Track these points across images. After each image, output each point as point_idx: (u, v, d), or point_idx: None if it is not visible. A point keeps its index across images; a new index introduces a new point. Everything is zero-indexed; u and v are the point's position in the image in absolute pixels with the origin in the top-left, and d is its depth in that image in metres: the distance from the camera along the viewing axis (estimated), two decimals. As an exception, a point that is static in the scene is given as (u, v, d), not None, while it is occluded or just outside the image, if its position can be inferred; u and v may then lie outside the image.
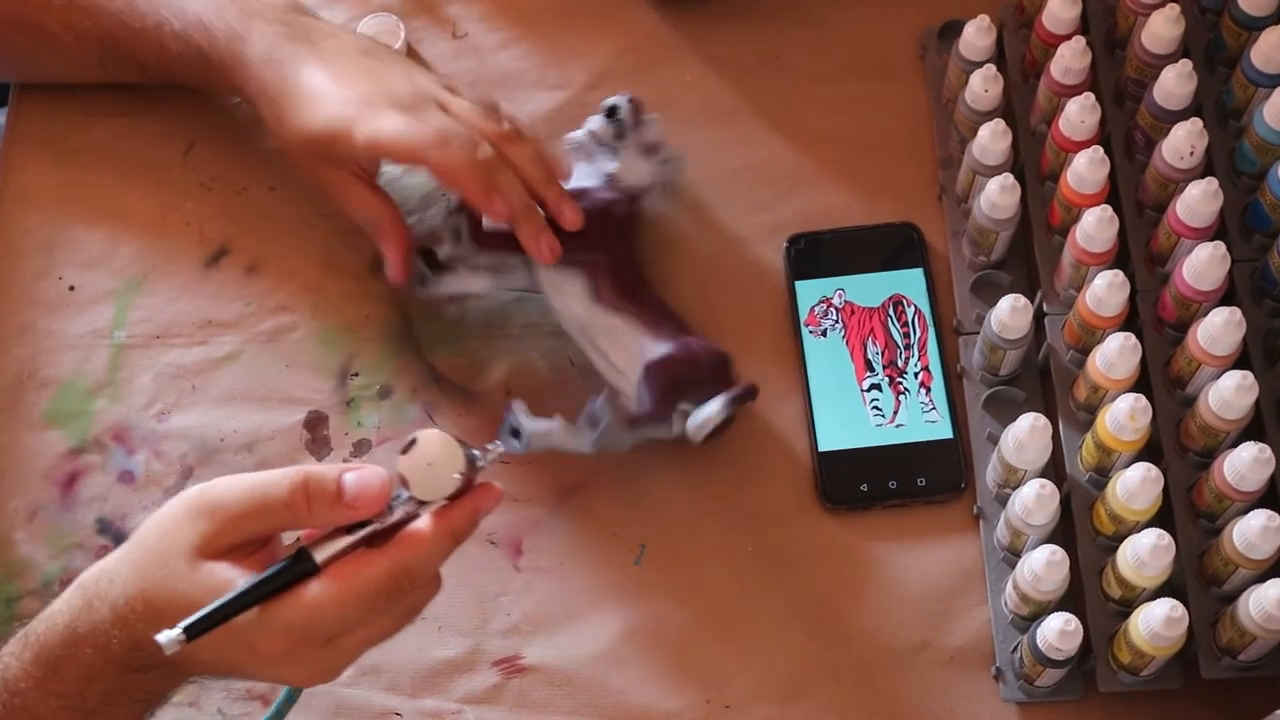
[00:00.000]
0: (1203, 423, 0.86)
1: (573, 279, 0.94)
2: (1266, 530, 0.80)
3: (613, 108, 0.97)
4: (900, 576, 0.93)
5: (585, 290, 0.94)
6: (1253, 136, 0.92)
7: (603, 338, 0.93)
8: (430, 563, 0.73)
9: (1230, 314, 0.85)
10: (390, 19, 1.08)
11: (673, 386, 0.91)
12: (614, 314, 0.93)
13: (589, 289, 0.94)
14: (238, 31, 0.95)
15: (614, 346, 0.93)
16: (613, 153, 0.97)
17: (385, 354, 0.99)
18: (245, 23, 0.95)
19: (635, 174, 0.97)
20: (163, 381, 0.99)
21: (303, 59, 0.94)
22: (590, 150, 0.98)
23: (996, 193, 0.93)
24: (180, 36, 0.96)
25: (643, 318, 0.93)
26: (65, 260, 1.02)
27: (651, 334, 0.93)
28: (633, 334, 0.93)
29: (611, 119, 0.97)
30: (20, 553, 0.94)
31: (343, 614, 0.70)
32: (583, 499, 0.95)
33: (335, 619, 0.70)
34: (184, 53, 0.97)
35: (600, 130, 0.97)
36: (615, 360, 0.93)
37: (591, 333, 0.94)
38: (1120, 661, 0.85)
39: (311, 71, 0.93)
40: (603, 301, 0.94)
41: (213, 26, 0.96)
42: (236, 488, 0.71)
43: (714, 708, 0.90)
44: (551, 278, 0.94)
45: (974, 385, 0.96)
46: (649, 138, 0.98)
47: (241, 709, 0.90)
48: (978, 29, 0.98)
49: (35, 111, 1.05)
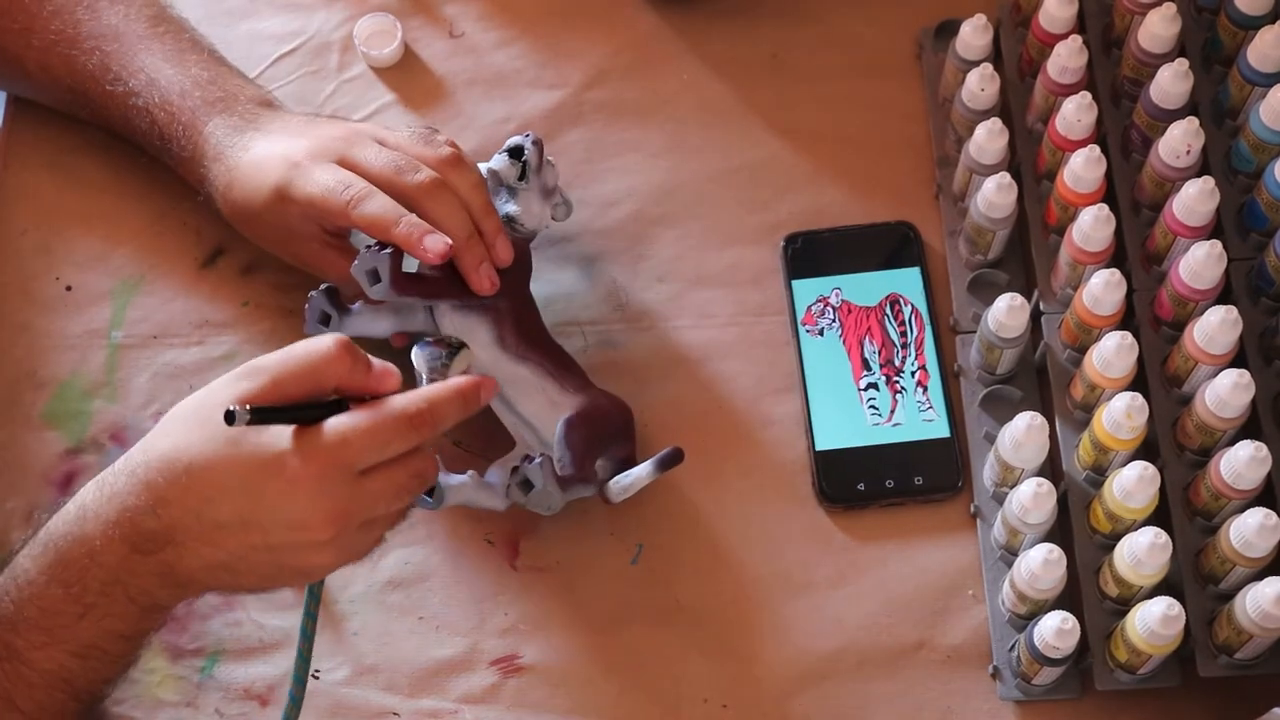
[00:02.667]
0: (1199, 421, 0.86)
1: (478, 325, 0.91)
2: (1263, 528, 0.80)
3: (517, 148, 0.93)
4: (897, 575, 0.93)
5: (491, 337, 0.91)
6: (1249, 135, 0.92)
7: (510, 388, 0.91)
8: (442, 411, 0.78)
9: (1227, 312, 0.85)
10: (387, 19, 1.08)
11: (593, 442, 0.90)
12: (520, 363, 0.91)
13: (494, 336, 0.91)
14: (196, 123, 0.95)
15: (522, 397, 0.91)
16: (512, 194, 0.93)
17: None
18: (206, 114, 0.95)
19: (534, 218, 0.94)
20: (160, 381, 0.99)
21: (247, 141, 0.94)
22: (491, 189, 0.93)
23: (993, 192, 0.93)
24: (144, 112, 0.96)
25: (547, 367, 0.91)
26: (62, 260, 1.02)
27: (558, 385, 0.91)
28: (540, 385, 0.91)
29: (516, 159, 0.92)
30: (18, 553, 0.94)
31: (370, 441, 0.75)
32: (580, 499, 0.95)
33: (363, 444, 0.75)
34: (146, 130, 0.97)
35: (503, 170, 0.93)
36: (523, 412, 0.91)
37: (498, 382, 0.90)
38: (1117, 660, 0.85)
39: (254, 149, 0.93)
40: (508, 349, 0.91)
41: (176, 112, 0.95)
42: (281, 351, 0.76)
43: (712, 707, 0.90)
44: (457, 322, 0.91)
45: (971, 384, 0.96)
46: (549, 181, 0.94)
47: (240, 709, 0.90)
48: (974, 28, 0.99)
49: (32, 111, 1.05)
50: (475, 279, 0.90)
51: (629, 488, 0.90)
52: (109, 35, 0.97)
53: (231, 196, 0.94)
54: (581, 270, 1.01)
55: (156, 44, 0.97)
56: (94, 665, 0.78)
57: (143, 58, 0.96)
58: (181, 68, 0.96)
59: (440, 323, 0.92)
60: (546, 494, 0.87)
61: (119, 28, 0.97)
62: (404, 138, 0.92)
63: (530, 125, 1.05)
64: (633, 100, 1.06)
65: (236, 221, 0.95)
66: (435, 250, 0.86)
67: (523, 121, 1.05)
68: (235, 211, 0.94)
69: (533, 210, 0.93)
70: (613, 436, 0.92)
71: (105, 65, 0.97)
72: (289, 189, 0.90)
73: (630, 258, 1.02)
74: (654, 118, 1.06)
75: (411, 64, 1.08)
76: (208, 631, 0.91)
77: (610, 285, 1.01)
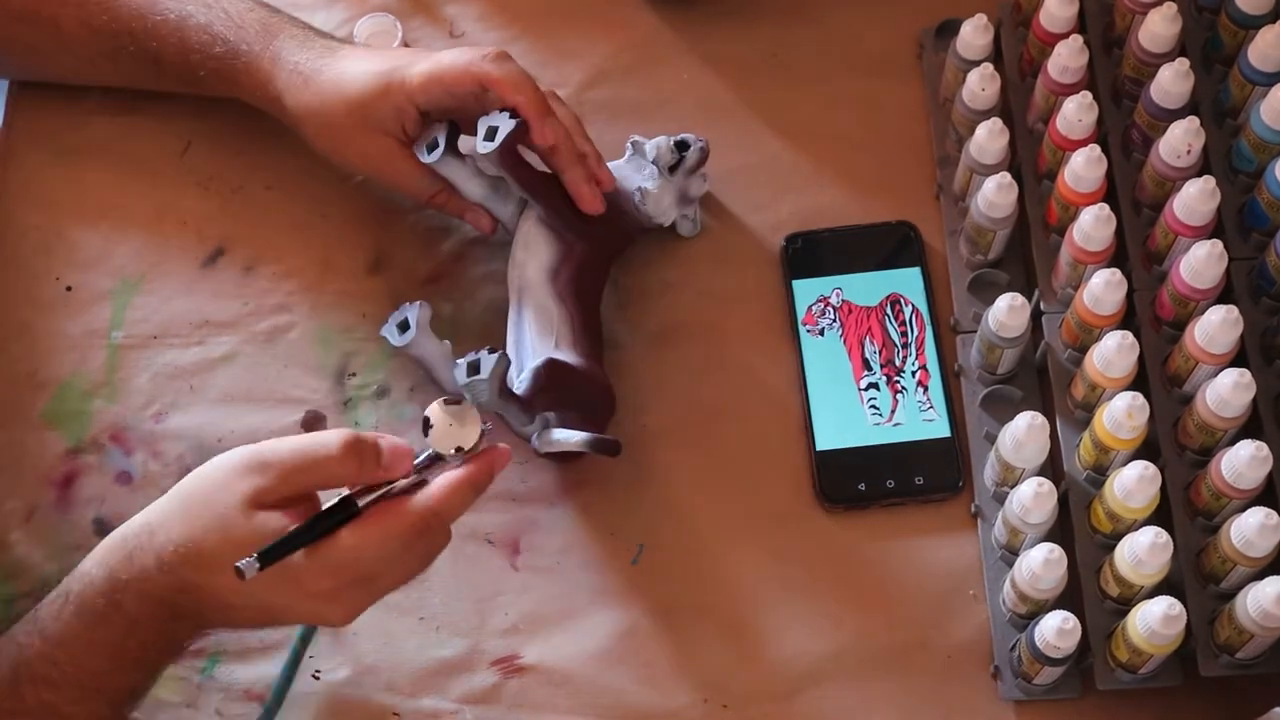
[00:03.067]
0: (1200, 421, 0.86)
1: (547, 245, 0.94)
2: (1264, 528, 0.80)
3: (684, 142, 0.98)
4: (898, 575, 0.93)
5: (549, 263, 0.94)
6: (1250, 135, 0.92)
7: (532, 311, 0.93)
8: (454, 508, 0.80)
9: (1227, 312, 0.85)
10: (388, 19, 1.08)
11: (557, 391, 0.91)
12: (556, 300, 0.93)
13: (553, 264, 0.94)
14: (269, 27, 0.96)
15: (536, 326, 0.93)
16: (655, 176, 0.97)
17: (382, 354, 0.99)
18: (276, 21, 0.97)
19: (658, 208, 0.97)
20: (160, 381, 0.99)
21: (336, 47, 0.96)
22: (642, 160, 0.98)
23: (994, 191, 0.93)
24: (205, 29, 0.96)
25: (574, 320, 0.93)
26: (63, 260, 1.02)
27: (571, 338, 0.93)
28: (557, 329, 0.93)
29: (679, 150, 0.97)
30: (17, 554, 0.94)
31: (381, 551, 0.78)
32: (580, 498, 0.95)
33: (374, 556, 0.78)
34: (208, 46, 0.96)
35: (660, 151, 0.97)
36: (527, 336, 0.93)
37: (525, 300, 0.94)
38: (1118, 659, 0.85)
39: (348, 52, 0.95)
40: (555, 283, 0.93)
41: (241, 19, 0.96)
42: (289, 446, 0.78)
43: (712, 707, 0.90)
44: (531, 230, 0.94)
45: (971, 384, 0.96)
46: (692, 190, 0.99)
47: (239, 709, 0.90)
48: (975, 28, 0.99)
49: (32, 111, 1.05)
50: (583, 190, 0.93)
51: (554, 443, 0.91)
52: None
53: (316, 84, 0.94)
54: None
55: None
56: (129, 702, 0.82)
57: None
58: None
59: (520, 225, 0.94)
60: (484, 386, 0.87)
61: None
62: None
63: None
64: (633, 100, 1.06)
65: (310, 113, 0.95)
66: (556, 132, 0.90)
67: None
68: (314, 100, 0.94)
69: (662, 201, 0.97)
70: (579, 404, 0.92)
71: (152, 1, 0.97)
72: (403, 71, 0.91)
73: (630, 258, 1.01)
74: (654, 118, 1.06)
75: (412, 64, 1.08)
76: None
77: (612, 285, 1.01)
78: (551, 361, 0.91)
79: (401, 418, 0.97)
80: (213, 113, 1.05)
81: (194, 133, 1.05)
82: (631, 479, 0.95)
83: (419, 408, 0.97)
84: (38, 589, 0.92)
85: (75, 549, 0.94)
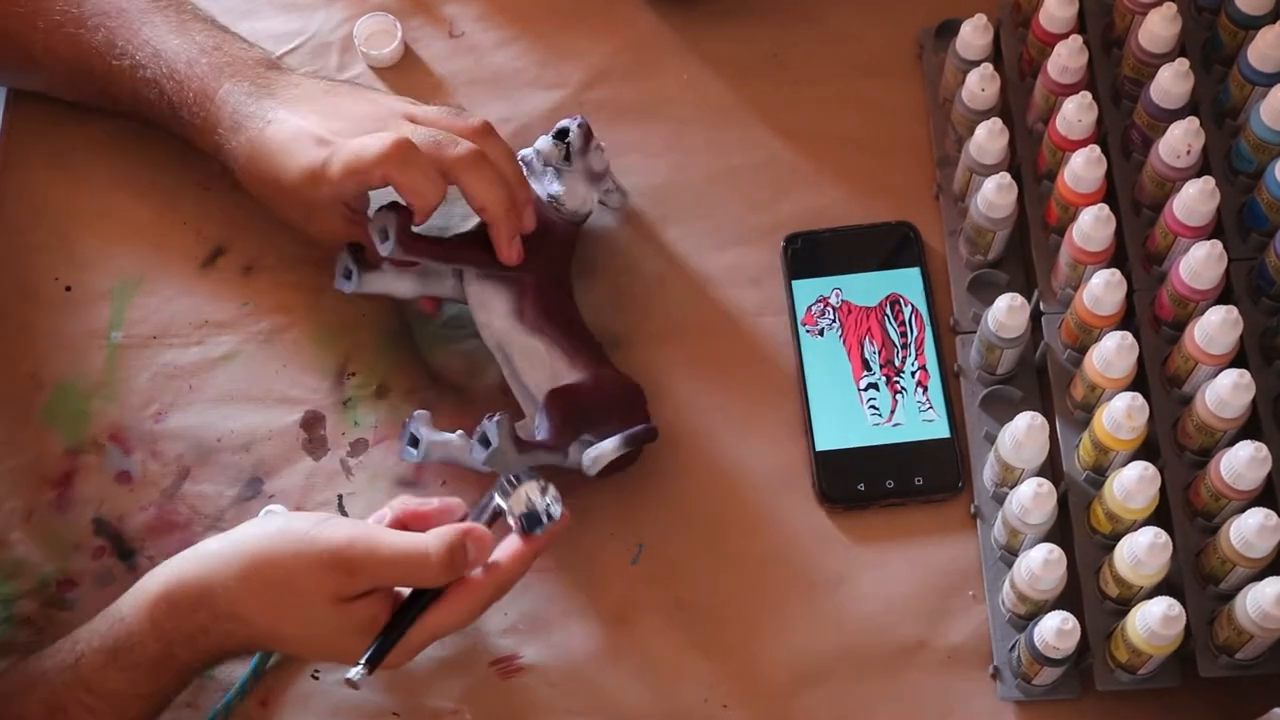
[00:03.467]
0: (1200, 421, 0.86)
1: (498, 294, 0.93)
2: (1264, 529, 0.80)
3: (563, 130, 0.96)
4: (897, 576, 0.93)
5: (509, 308, 0.93)
6: (1249, 135, 0.92)
7: (519, 358, 0.93)
8: (518, 576, 0.86)
9: (1227, 313, 0.85)
10: (387, 18, 1.08)
11: (574, 416, 0.91)
12: (534, 335, 0.92)
13: (513, 307, 0.93)
14: (207, 90, 0.95)
15: (529, 368, 0.93)
16: (557, 175, 0.95)
17: (382, 353, 0.99)
18: (216, 80, 0.95)
19: (577, 200, 0.96)
20: (159, 381, 0.99)
21: (266, 113, 0.93)
22: (536, 170, 0.96)
23: (993, 192, 0.93)
24: (153, 84, 0.96)
25: (562, 344, 0.92)
26: (62, 260, 1.02)
27: (567, 361, 0.92)
28: (550, 358, 0.92)
29: (560, 141, 0.95)
30: (17, 553, 0.94)
31: (458, 625, 0.85)
32: (580, 499, 0.95)
33: (450, 630, 0.85)
34: (156, 101, 0.97)
35: (547, 151, 0.95)
36: (528, 382, 0.93)
37: (509, 351, 0.93)
38: (1118, 660, 0.85)
39: (278, 124, 0.93)
40: (525, 321, 0.92)
41: (185, 80, 0.95)
42: (384, 554, 0.81)
43: (712, 707, 0.90)
44: (478, 290, 0.93)
45: (971, 384, 0.96)
46: (595, 166, 0.97)
47: (239, 709, 0.90)
48: (975, 28, 0.98)
49: (31, 111, 1.05)
50: (505, 250, 0.92)
51: (598, 460, 0.91)
52: (112, 12, 0.97)
53: (255, 169, 0.93)
54: (581, 270, 1.01)
55: (159, 16, 0.97)
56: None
57: (147, 31, 0.97)
58: (186, 37, 0.96)
59: (466, 289, 0.94)
60: (502, 453, 0.88)
61: (121, 4, 0.97)
62: (433, 112, 0.93)
63: (530, 125, 1.04)
64: (633, 100, 1.06)
65: (256, 193, 0.95)
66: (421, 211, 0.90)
67: (522, 122, 1.05)
68: (257, 184, 0.94)
69: (577, 192, 0.96)
70: (606, 413, 0.92)
71: (110, 41, 0.97)
72: (324, 169, 0.90)
73: (630, 258, 1.01)
74: (654, 118, 1.06)
75: (411, 64, 1.08)
76: (208, 632, 0.92)
77: (610, 287, 1.01)
78: (552, 394, 0.90)
79: (401, 418, 0.97)
80: (212, 112, 1.05)
81: (193, 132, 1.05)
82: (631, 479, 0.95)
83: (419, 407, 0.97)
84: (37, 589, 0.93)
85: (75, 549, 0.94)
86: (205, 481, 0.95)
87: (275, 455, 0.96)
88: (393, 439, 0.96)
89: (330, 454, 0.97)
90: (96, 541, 0.94)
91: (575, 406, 0.91)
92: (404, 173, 0.88)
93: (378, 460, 0.96)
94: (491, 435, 0.88)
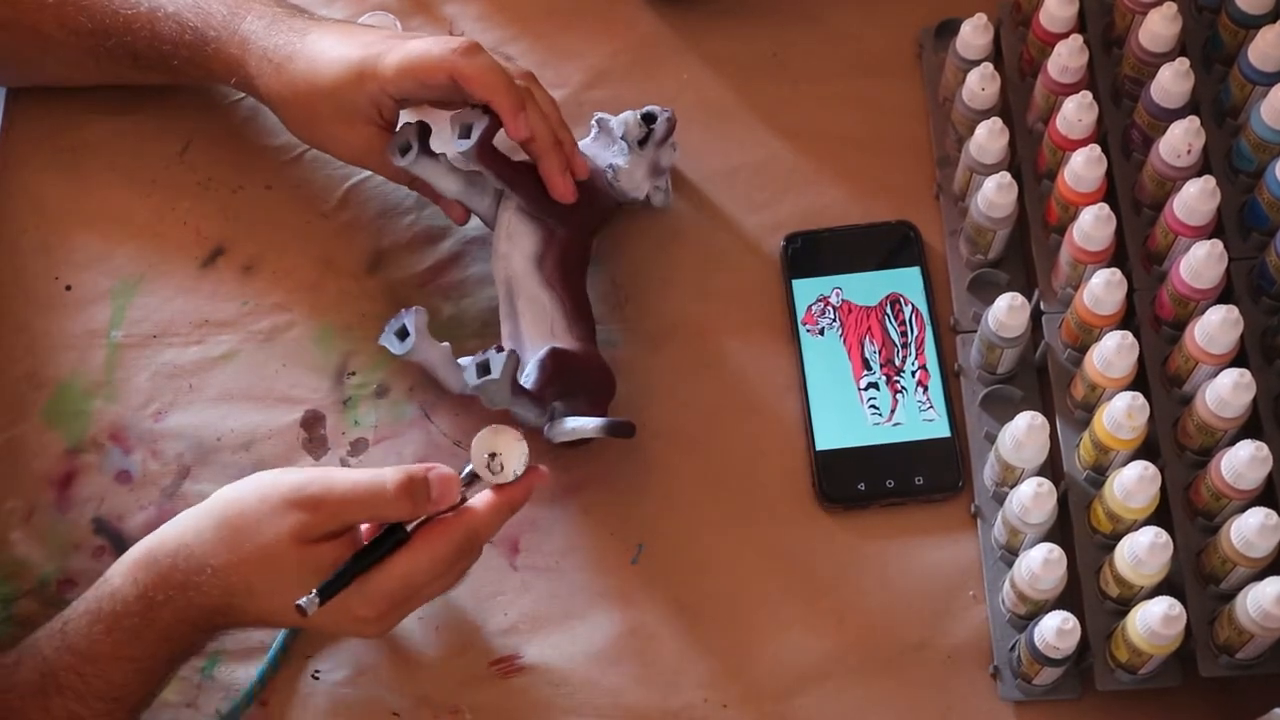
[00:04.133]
0: (1200, 421, 0.86)
1: (529, 234, 0.94)
2: (1264, 528, 0.80)
3: (650, 114, 0.98)
4: (898, 575, 0.93)
5: (533, 251, 0.93)
6: (1250, 134, 0.92)
7: (524, 302, 0.93)
8: (492, 527, 0.84)
9: (1228, 312, 0.85)
10: (387, 18, 1.08)
11: (563, 379, 0.91)
12: (545, 288, 0.93)
13: (537, 251, 0.93)
14: (235, 9, 0.96)
15: (530, 316, 0.93)
16: (625, 152, 0.97)
17: (382, 353, 0.99)
18: (243, 3, 0.96)
19: (632, 181, 0.97)
20: (159, 381, 0.99)
21: (305, 28, 0.95)
22: (608, 133, 0.98)
23: (994, 191, 0.93)
24: (174, 18, 0.96)
25: (566, 306, 0.93)
26: (62, 260, 1.02)
27: (566, 324, 0.93)
28: (551, 315, 0.93)
29: (646, 123, 0.97)
30: (17, 553, 0.94)
31: (427, 574, 0.82)
32: (580, 498, 0.95)
33: (421, 580, 0.82)
34: (177, 35, 0.96)
35: (629, 126, 0.97)
36: (523, 327, 0.93)
37: (515, 292, 0.94)
38: (1118, 660, 0.85)
39: (318, 35, 0.94)
40: (542, 270, 0.93)
41: (208, 4, 0.96)
42: (342, 486, 0.81)
43: (712, 706, 0.90)
44: (510, 221, 0.94)
45: (971, 384, 0.96)
46: (663, 161, 0.99)
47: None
48: (975, 27, 0.98)
49: (31, 111, 1.05)
50: (557, 181, 0.93)
51: (569, 432, 0.91)
52: None
53: (290, 72, 0.93)
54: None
55: None
56: (147, 704, 0.85)
57: None
58: None
59: (500, 216, 0.94)
60: (497, 386, 0.88)
61: None
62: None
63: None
64: (633, 100, 1.06)
65: (284, 102, 0.95)
66: (531, 126, 0.90)
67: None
68: (289, 89, 0.94)
69: (635, 176, 0.97)
70: (584, 389, 0.93)
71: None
72: (375, 64, 0.90)
73: (630, 257, 1.01)
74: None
75: (411, 63, 1.08)
76: (207, 631, 0.92)
77: (610, 285, 1.01)
78: (555, 351, 0.91)
79: (401, 417, 0.97)
80: (212, 113, 1.05)
81: (193, 133, 1.05)
82: (631, 479, 0.95)
83: (419, 406, 0.97)
84: (37, 588, 0.93)
85: (75, 548, 0.94)
86: (205, 481, 0.95)
87: (275, 454, 0.96)
88: (393, 439, 0.97)
89: (330, 453, 0.97)
90: (96, 541, 0.94)
91: (568, 371, 0.91)
92: (473, 66, 0.89)
93: (378, 460, 0.96)
94: (495, 366, 0.88)
